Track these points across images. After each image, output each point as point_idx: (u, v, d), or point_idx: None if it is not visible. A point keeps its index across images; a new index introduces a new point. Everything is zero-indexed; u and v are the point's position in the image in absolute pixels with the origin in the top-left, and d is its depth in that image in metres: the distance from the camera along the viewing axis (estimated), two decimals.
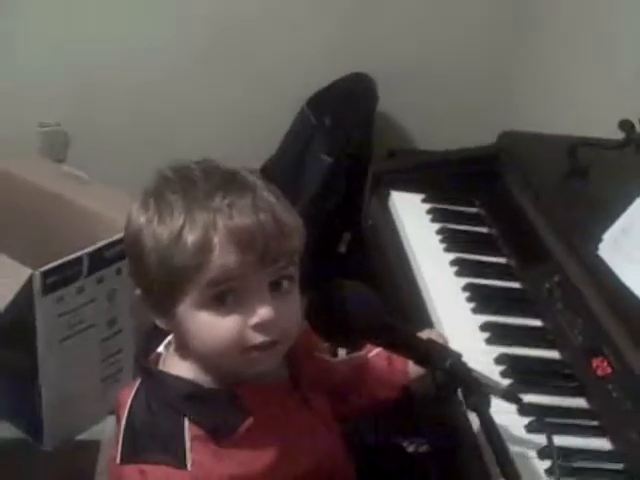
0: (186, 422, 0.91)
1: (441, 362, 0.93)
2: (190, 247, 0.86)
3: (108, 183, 1.96)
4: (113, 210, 1.83)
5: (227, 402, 0.92)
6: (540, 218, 1.35)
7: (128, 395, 0.96)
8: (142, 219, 0.90)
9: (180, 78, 2.34)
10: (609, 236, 1.19)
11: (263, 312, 0.88)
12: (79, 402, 1.91)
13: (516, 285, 1.32)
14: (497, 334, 1.20)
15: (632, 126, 1.38)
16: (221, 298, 0.88)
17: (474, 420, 0.96)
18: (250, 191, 0.89)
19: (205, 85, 2.39)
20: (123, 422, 0.94)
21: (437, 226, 1.45)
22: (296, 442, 0.96)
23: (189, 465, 0.89)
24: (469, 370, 0.94)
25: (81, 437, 1.93)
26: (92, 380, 1.92)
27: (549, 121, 1.74)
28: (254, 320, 0.88)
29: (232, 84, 2.39)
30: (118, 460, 0.93)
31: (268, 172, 2.38)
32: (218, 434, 0.91)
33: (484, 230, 1.47)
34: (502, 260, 1.38)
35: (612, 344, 1.09)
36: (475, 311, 1.25)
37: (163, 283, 0.89)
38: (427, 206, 1.51)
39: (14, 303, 1.72)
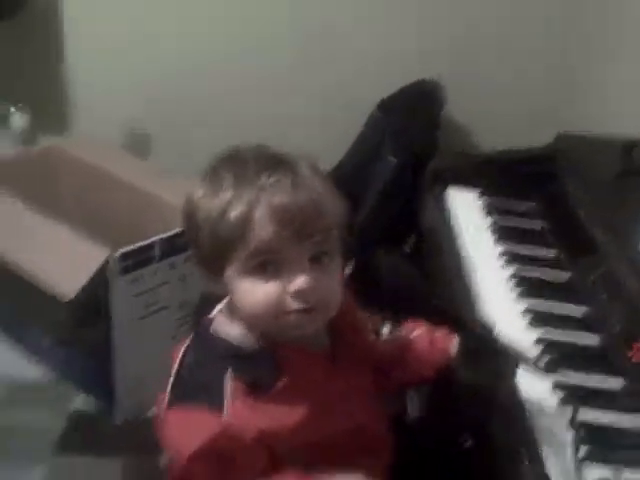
0: (228, 375, 0.99)
1: (470, 330, 0.99)
2: (234, 220, 0.94)
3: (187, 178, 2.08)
4: None
5: (267, 361, 1.00)
6: (591, 214, 1.40)
7: (180, 350, 1.06)
8: (198, 194, 1.00)
9: (258, 81, 2.44)
10: None
11: (301, 281, 0.95)
12: (150, 380, 2.01)
13: (563, 276, 1.37)
14: (539, 318, 1.25)
15: None
16: (262, 267, 0.96)
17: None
18: (293, 172, 0.97)
19: (282, 88, 2.49)
20: (173, 372, 1.04)
21: (490, 220, 1.51)
22: (327, 406, 1.02)
23: (225, 412, 0.97)
24: (497, 339, 1.00)
25: (151, 414, 2.04)
26: (164, 359, 2.03)
27: (610, 123, 1.75)
28: (292, 288, 0.95)
29: (309, 88, 2.49)
30: (165, 405, 1.02)
31: (339, 173, 2.47)
32: (255, 389, 0.99)
33: (536, 225, 1.52)
34: (551, 253, 1.43)
35: None
36: (520, 297, 1.30)
37: (212, 251, 0.99)
38: (482, 201, 1.57)
39: (92, 282, 1.84)
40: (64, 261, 1.88)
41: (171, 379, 1.05)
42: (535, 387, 1.06)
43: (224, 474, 0.99)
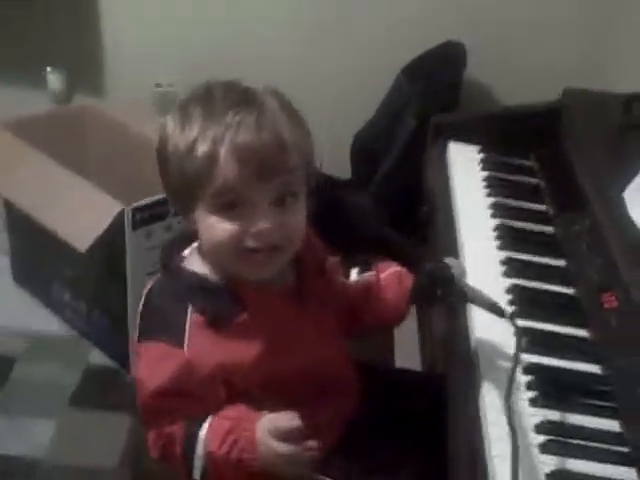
0: (189, 309, 1.02)
1: (426, 265, 0.99)
2: (199, 157, 0.96)
3: None
4: None
5: (228, 296, 1.03)
6: (584, 169, 1.37)
7: (145, 290, 1.09)
8: (168, 129, 1.01)
9: (282, 47, 2.45)
10: (636, 180, 1.21)
11: (261, 224, 0.97)
12: None
13: (549, 229, 1.35)
14: (515, 268, 1.23)
15: None
16: (227, 206, 0.97)
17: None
18: (259, 110, 0.97)
19: (308, 53, 2.50)
20: (140, 308, 1.07)
21: (485, 174, 1.49)
22: (287, 343, 1.04)
23: (185, 345, 1.00)
24: (452, 276, 0.99)
25: None
26: None
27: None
28: (252, 229, 0.97)
29: (334, 53, 2.49)
30: (135, 339, 1.05)
31: (364, 136, 2.47)
32: (215, 323, 1.01)
33: (532, 181, 1.50)
34: (541, 208, 1.41)
35: (621, 281, 1.11)
36: (501, 247, 1.29)
37: (181, 187, 1.01)
38: (481, 156, 1.55)
39: (106, 235, 1.89)
40: (84, 216, 1.93)
41: (138, 315, 1.07)
42: (490, 330, 1.04)
43: (182, 407, 1.02)
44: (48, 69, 2.62)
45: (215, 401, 1.02)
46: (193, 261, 1.07)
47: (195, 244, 1.10)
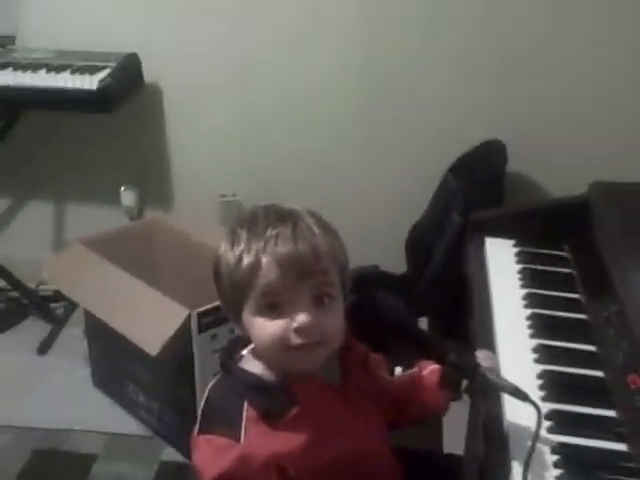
0: (245, 405, 1.14)
1: (450, 356, 1.10)
2: (245, 267, 1.12)
3: None
4: None
5: (280, 392, 1.15)
6: (610, 257, 1.46)
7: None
8: (221, 250, 1.18)
9: (339, 158, 2.64)
10: None
11: (301, 318, 1.10)
12: None
13: (580, 316, 1.43)
14: (547, 354, 1.32)
15: None
16: (269, 308, 1.12)
17: None
18: (294, 224, 1.14)
19: (367, 160, 2.68)
20: (202, 404, 1.19)
21: (520, 267, 1.59)
22: (334, 433, 1.15)
23: (242, 439, 1.12)
24: (475, 365, 1.09)
25: None
26: None
27: None
28: (294, 325, 1.10)
29: (389, 156, 2.67)
30: (195, 433, 1.18)
31: (417, 231, 2.60)
32: (269, 417, 1.13)
33: (565, 271, 1.58)
34: (574, 296, 1.50)
35: None
36: (532, 336, 1.38)
37: (232, 296, 1.16)
38: (516, 249, 1.65)
39: (175, 338, 2.03)
40: (154, 321, 2.09)
41: (199, 411, 1.20)
42: (520, 414, 1.13)
43: None
44: (122, 188, 2.84)
45: None
46: (249, 361, 1.20)
47: (251, 346, 1.23)
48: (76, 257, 2.38)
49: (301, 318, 1.10)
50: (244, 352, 1.24)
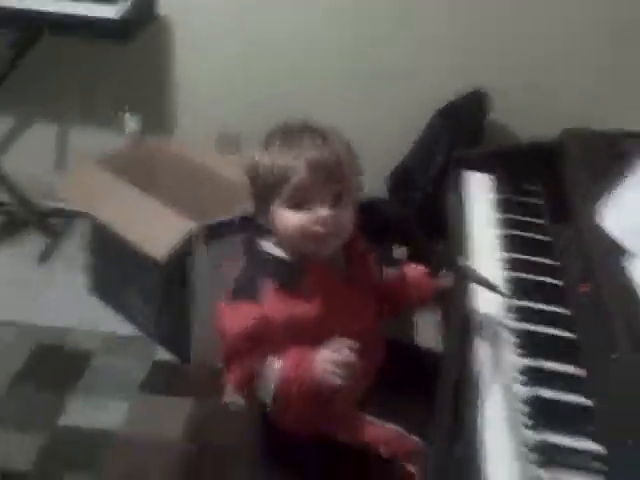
0: (265, 278, 1.37)
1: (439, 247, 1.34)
2: (282, 166, 1.36)
3: None
4: None
5: (296, 268, 1.39)
6: (574, 191, 1.69)
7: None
8: (258, 155, 1.41)
9: (325, 95, 2.83)
10: (606, 204, 1.52)
11: (323, 212, 1.35)
12: None
13: (546, 238, 1.66)
14: (514, 265, 1.55)
15: None
16: (298, 203, 1.36)
17: None
18: (323, 137, 1.39)
19: (354, 102, 2.88)
20: (232, 281, 1.42)
21: (495, 196, 1.82)
22: (341, 309, 1.39)
23: (263, 301, 1.35)
24: (458, 259, 1.33)
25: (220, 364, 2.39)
26: None
27: None
28: (316, 217, 1.35)
29: (383, 98, 2.88)
30: (223, 304, 1.40)
31: (400, 173, 2.82)
32: (286, 288, 1.37)
33: (536, 201, 1.81)
34: (540, 221, 1.73)
35: (596, 270, 1.42)
36: (502, 250, 1.61)
37: (264, 190, 1.39)
38: (492, 182, 1.87)
39: (179, 249, 2.24)
40: (161, 232, 2.29)
41: (231, 292, 1.41)
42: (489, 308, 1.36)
43: (259, 349, 1.35)
44: (126, 113, 3.01)
45: (284, 348, 1.35)
46: (269, 247, 1.44)
47: (269, 237, 1.45)
48: (86, 174, 2.57)
49: (323, 212, 1.35)
50: (263, 242, 1.46)
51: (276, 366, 1.32)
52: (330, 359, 1.28)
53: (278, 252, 1.41)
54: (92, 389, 2.34)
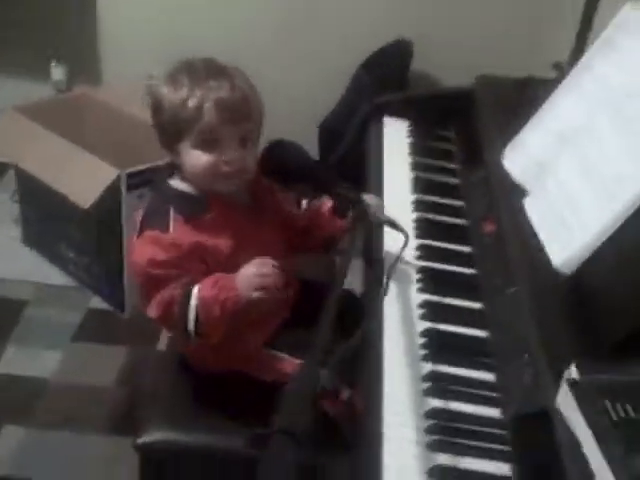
0: (171, 210, 1.42)
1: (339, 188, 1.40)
2: (191, 109, 1.38)
3: None
4: None
5: (201, 202, 1.44)
6: (484, 135, 1.75)
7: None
8: (163, 90, 1.43)
9: (254, 46, 2.85)
10: (509, 146, 1.59)
11: (231, 153, 1.41)
12: None
13: (454, 180, 1.74)
14: (423, 205, 1.62)
15: (562, 67, 1.76)
16: (207, 143, 1.40)
17: None
18: (231, 77, 1.42)
19: (281, 49, 2.90)
20: (140, 217, 1.45)
21: (410, 140, 1.88)
22: (245, 241, 1.45)
23: (171, 230, 1.40)
24: (360, 198, 1.39)
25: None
26: None
27: None
28: (224, 157, 1.40)
29: (302, 49, 2.90)
30: (135, 239, 1.44)
31: (328, 121, 2.87)
32: (191, 221, 1.41)
33: (448, 146, 1.88)
34: (451, 166, 1.80)
35: (497, 210, 1.50)
36: (413, 191, 1.68)
37: (173, 130, 1.42)
38: (409, 128, 1.93)
39: (105, 196, 2.26)
40: (86, 179, 2.31)
41: (138, 222, 1.45)
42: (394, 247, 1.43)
43: (174, 275, 1.38)
44: (52, 63, 2.99)
45: (198, 275, 1.39)
46: (176, 182, 1.48)
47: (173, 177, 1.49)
48: (11, 123, 2.55)
49: (231, 153, 1.41)
50: (170, 179, 1.50)
51: (195, 290, 1.36)
52: (256, 272, 1.34)
53: (184, 187, 1.46)
54: (26, 338, 2.37)
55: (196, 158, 1.41)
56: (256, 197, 1.52)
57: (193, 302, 1.36)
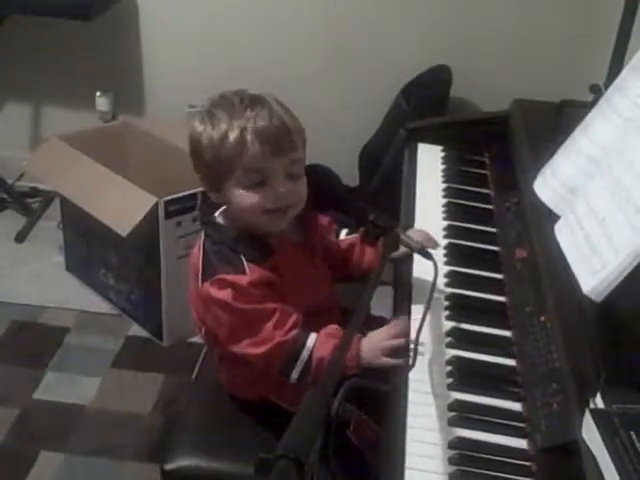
0: (241, 255, 1.38)
1: (370, 216, 1.38)
2: (232, 143, 1.34)
3: None
4: None
5: (264, 243, 1.40)
6: (518, 160, 1.73)
7: (198, 249, 1.45)
8: (200, 128, 1.39)
9: (298, 76, 2.87)
10: (541, 171, 1.56)
11: (278, 188, 1.36)
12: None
13: (488, 206, 1.71)
14: (455, 232, 1.60)
15: (600, 89, 1.73)
16: (253, 181, 1.36)
17: None
18: (267, 106, 1.38)
19: (325, 78, 2.92)
20: (200, 259, 1.42)
21: (444, 166, 1.86)
22: (308, 279, 1.44)
23: (247, 272, 1.36)
24: (392, 225, 1.37)
25: (192, 340, 2.44)
26: None
27: None
28: (274, 193, 1.36)
29: (347, 76, 2.92)
30: (200, 284, 1.39)
31: (369, 147, 2.86)
32: (261, 262, 1.37)
33: (482, 171, 1.85)
34: (486, 191, 1.77)
35: (530, 237, 1.47)
36: (445, 219, 1.65)
37: (215, 170, 1.38)
38: (443, 153, 1.92)
39: (144, 224, 2.28)
40: (125, 207, 2.33)
41: (200, 267, 1.42)
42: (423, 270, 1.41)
43: (264, 308, 1.35)
44: (97, 93, 3.04)
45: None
46: (227, 223, 1.45)
47: (217, 213, 1.47)
48: (54, 151, 2.60)
49: (280, 188, 1.36)
50: (215, 215, 1.48)
51: (309, 343, 1.34)
52: (388, 337, 1.32)
53: (237, 226, 1.42)
54: (66, 365, 2.40)
55: (243, 198, 1.36)
56: (305, 230, 1.50)
57: (305, 354, 1.34)
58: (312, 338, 1.35)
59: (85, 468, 2.06)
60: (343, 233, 1.63)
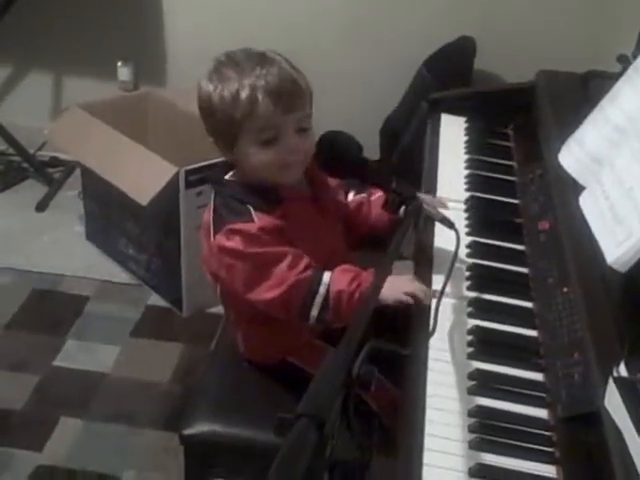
0: (249, 205, 1.38)
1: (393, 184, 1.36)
2: (244, 101, 1.33)
3: None
4: None
5: (273, 192, 1.40)
6: (543, 132, 1.71)
7: (208, 210, 1.44)
8: (210, 88, 1.38)
9: (320, 46, 2.84)
10: (566, 142, 1.54)
11: (292, 143, 1.36)
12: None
13: (511, 178, 1.69)
14: (477, 203, 1.58)
15: (628, 59, 1.70)
16: (265, 140, 1.35)
17: None
18: (277, 64, 1.37)
19: (345, 49, 2.89)
20: (210, 217, 1.42)
21: (467, 137, 1.84)
22: (318, 235, 1.43)
23: (255, 220, 1.36)
24: (414, 194, 1.36)
25: (211, 310, 2.45)
26: None
27: None
28: (287, 147, 1.35)
29: (367, 48, 2.89)
30: (212, 237, 1.39)
31: (391, 120, 2.84)
32: (269, 210, 1.37)
33: (506, 143, 1.83)
34: (510, 162, 1.75)
35: (553, 208, 1.45)
36: (467, 190, 1.64)
37: (227, 129, 1.37)
38: (466, 125, 1.89)
39: (164, 193, 2.27)
40: (145, 176, 2.32)
41: (210, 224, 1.42)
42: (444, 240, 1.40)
43: (277, 252, 1.35)
44: (119, 63, 3.04)
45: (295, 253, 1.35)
46: (238, 179, 1.45)
47: (229, 174, 1.47)
48: (75, 120, 2.60)
49: (292, 141, 1.36)
50: (227, 177, 1.47)
51: (325, 279, 1.33)
52: (412, 280, 1.31)
53: (247, 182, 1.42)
54: (86, 333, 2.41)
55: (256, 155, 1.36)
56: (314, 186, 1.49)
57: (322, 289, 1.33)
58: (327, 274, 1.34)
59: (104, 434, 2.08)
60: (350, 195, 1.62)
